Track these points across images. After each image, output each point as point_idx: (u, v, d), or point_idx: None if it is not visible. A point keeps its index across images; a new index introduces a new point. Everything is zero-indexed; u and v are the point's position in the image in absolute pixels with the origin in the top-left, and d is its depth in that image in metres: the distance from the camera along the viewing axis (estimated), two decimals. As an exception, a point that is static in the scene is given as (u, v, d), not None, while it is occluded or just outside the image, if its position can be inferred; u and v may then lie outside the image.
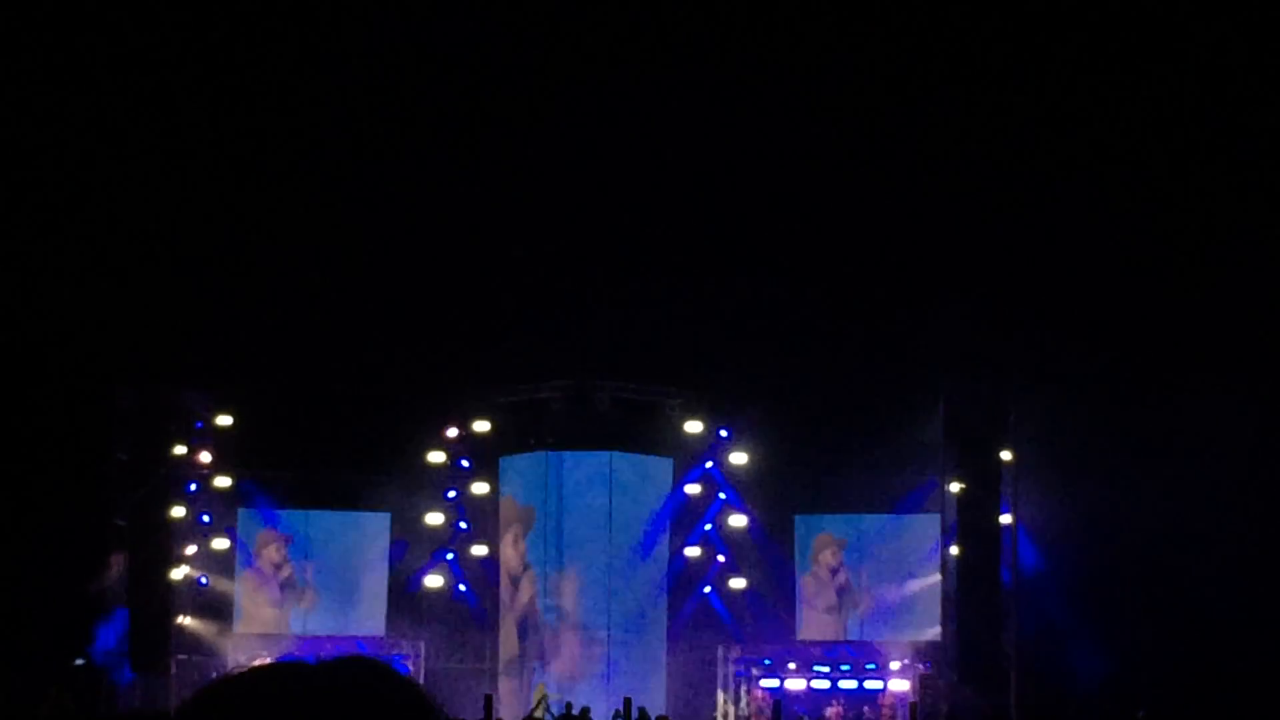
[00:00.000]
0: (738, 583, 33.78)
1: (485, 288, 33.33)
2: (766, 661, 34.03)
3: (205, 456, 33.41)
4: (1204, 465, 31.38)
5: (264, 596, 34.27)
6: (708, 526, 33.95)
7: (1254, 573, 31.40)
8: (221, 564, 34.02)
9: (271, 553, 34.24)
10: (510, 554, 33.93)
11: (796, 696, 33.71)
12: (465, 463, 33.98)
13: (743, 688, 33.94)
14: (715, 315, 33.11)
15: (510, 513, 33.95)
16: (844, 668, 33.77)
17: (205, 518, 33.54)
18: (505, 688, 33.69)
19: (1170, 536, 31.43)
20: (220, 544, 33.81)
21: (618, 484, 33.52)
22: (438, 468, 33.90)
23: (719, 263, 33.33)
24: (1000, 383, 32.24)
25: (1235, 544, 31.43)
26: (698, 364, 33.33)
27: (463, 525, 33.98)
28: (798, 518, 33.98)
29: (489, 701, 30.92)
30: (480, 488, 33.92)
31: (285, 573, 34.29)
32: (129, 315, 32.59)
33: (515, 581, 33.87)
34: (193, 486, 33.28)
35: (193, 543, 33.35)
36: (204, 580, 33.71)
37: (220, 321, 33.03)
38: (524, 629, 33.69)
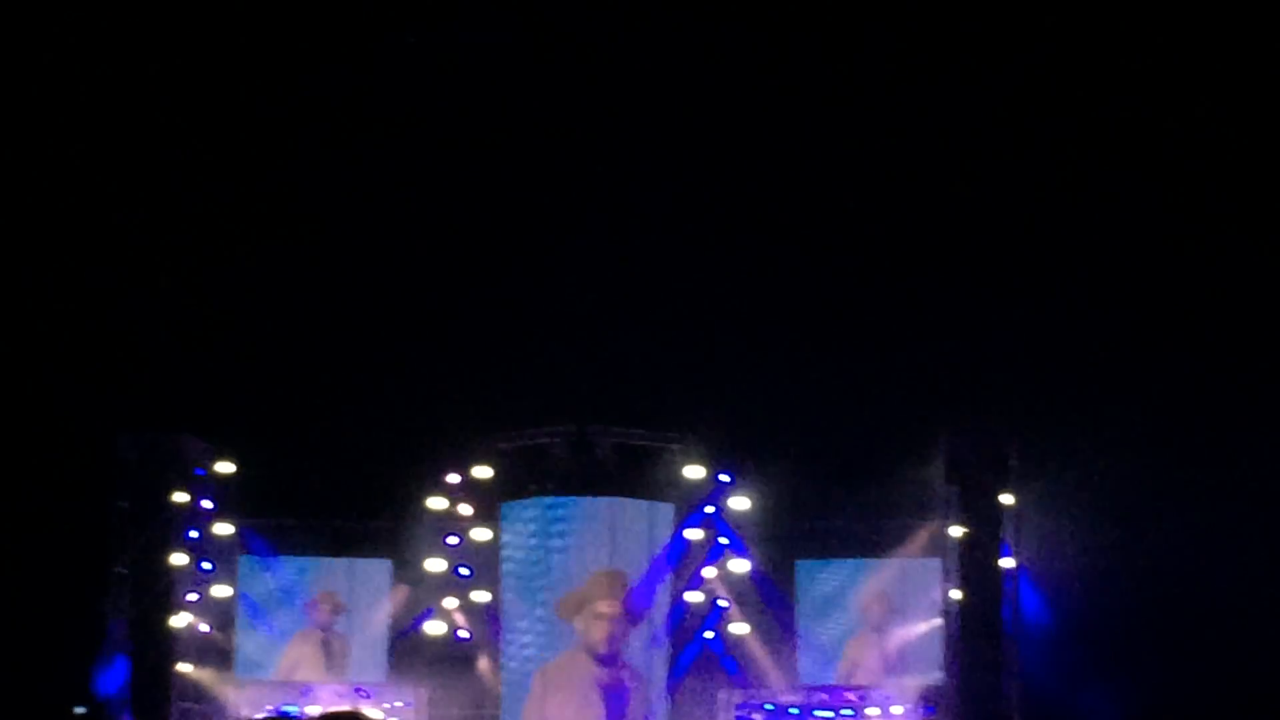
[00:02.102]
0: (739, 628, 33.67)
1: (485, 334, 33.37)
2: (769, 707, 33.87)
3: (206, 504, 33.40)
4: (1213, 507, 31.31)
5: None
6: (709, 572, 33.83)
7: (1267, 619, 31.25)
8: (223, 611, 33.94)
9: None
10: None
11: (799, 742, 33.66)
12: (466, 509, 33.90)
13: (744, 733, 33.83)
14: (715, 360, 33.11)
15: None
16: (846, 712, 33.62)
17: (206, 565, 33.49)
18: None
19: (1178, 581, 31.33)
20: (222, 591, 33.77)
21: (619, 530, 33.47)
22: (438, 514, 33.83)
23: (719, 307, 33.33)
24: (1001, 425, 32.18)
25: (1246, 587, 31.31)
26: (698, 409, 33.26)
27: (464, 571, 33.90)
28: (799, 562, 33.87)
29: None
30: (481, 534, 33.86)
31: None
32: (129, 362, 32.68)
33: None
34: (194, 534, 33.23)
35: (194, 590, 33.32)
36: (205, 628, 33.63)
37: (221, 368, 33.07)
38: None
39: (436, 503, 33.78)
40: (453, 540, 33.86)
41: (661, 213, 32.72)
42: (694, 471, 33.64)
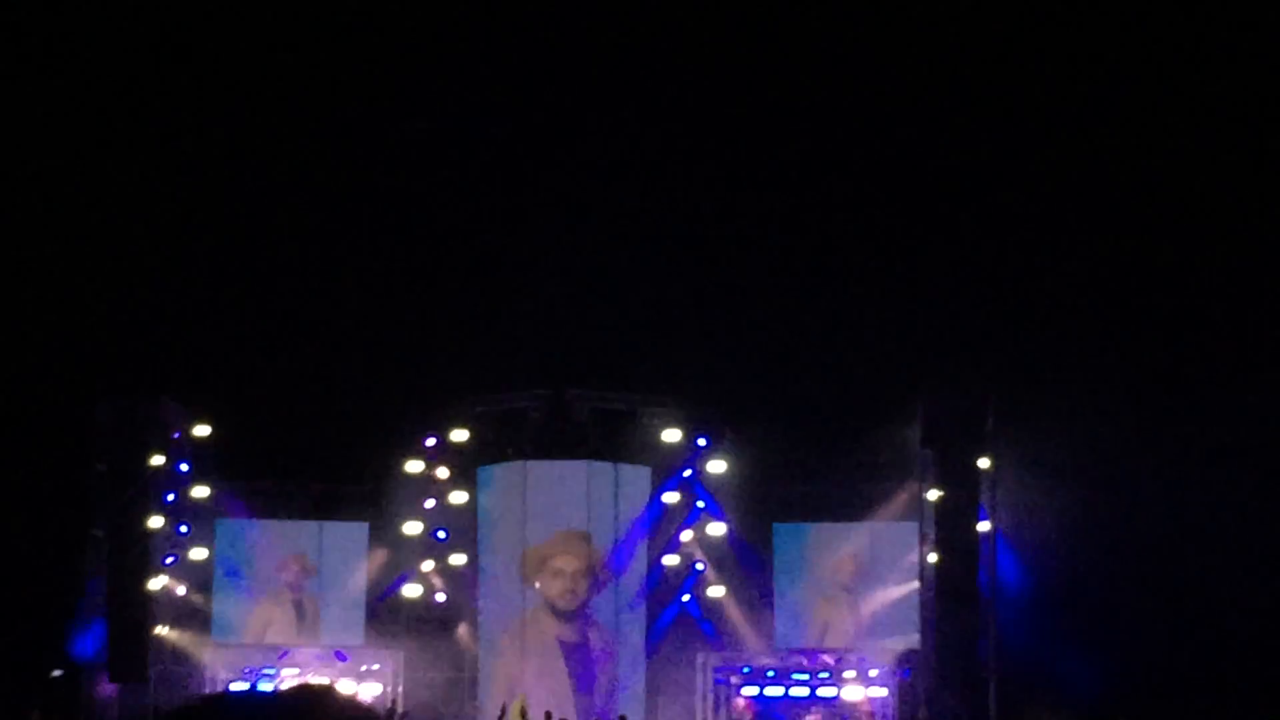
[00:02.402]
0: (716, 591, 33.79)
1: (462, 297, 33.35)
2: (745, 669, 34.03)
3: (183, 467, 33.42)
4: (1184, 471, 31.41)
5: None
6: (686, 535, 33.94)
7: (1236, 579, 31.39)
8: (200, 574, 33.98)
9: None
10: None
11: (775, 704, 33.77)
12: (443, 472, 33.95)
13: (722, 696, 33.92)
14: (693, 324, 33.15)
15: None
16: (823, 675, 33.81)
17: (183, 528, 33.53)
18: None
19: (1150, 543, 31.46)
20: (199, 554, 33.81)
21: (595, 493, 33.58)
22: (415, 477, 33.89)
23: (696, 271, 33.36)
24: (978, 389, 32.22)
25: (1217, 549, 31.44)
26: (675, 373, 33.31)
27: (441, 535, 33.97)
28: (776, 525, 33.98)
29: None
30: (458, 497, 33.91)
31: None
32: (106, 327, 32.60)
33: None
34: (171, 497, 33.24)
35: (171, 553, 33.34)
36: (182, 591, 33.68)
37: (198, 332, 33.03)
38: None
39: (414, 466, 33.86)
40: (430, 503, 33.94)
41: (640, 180, 32.72)
42: (671, 435, 33.72)
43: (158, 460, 32.74)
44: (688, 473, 33.93)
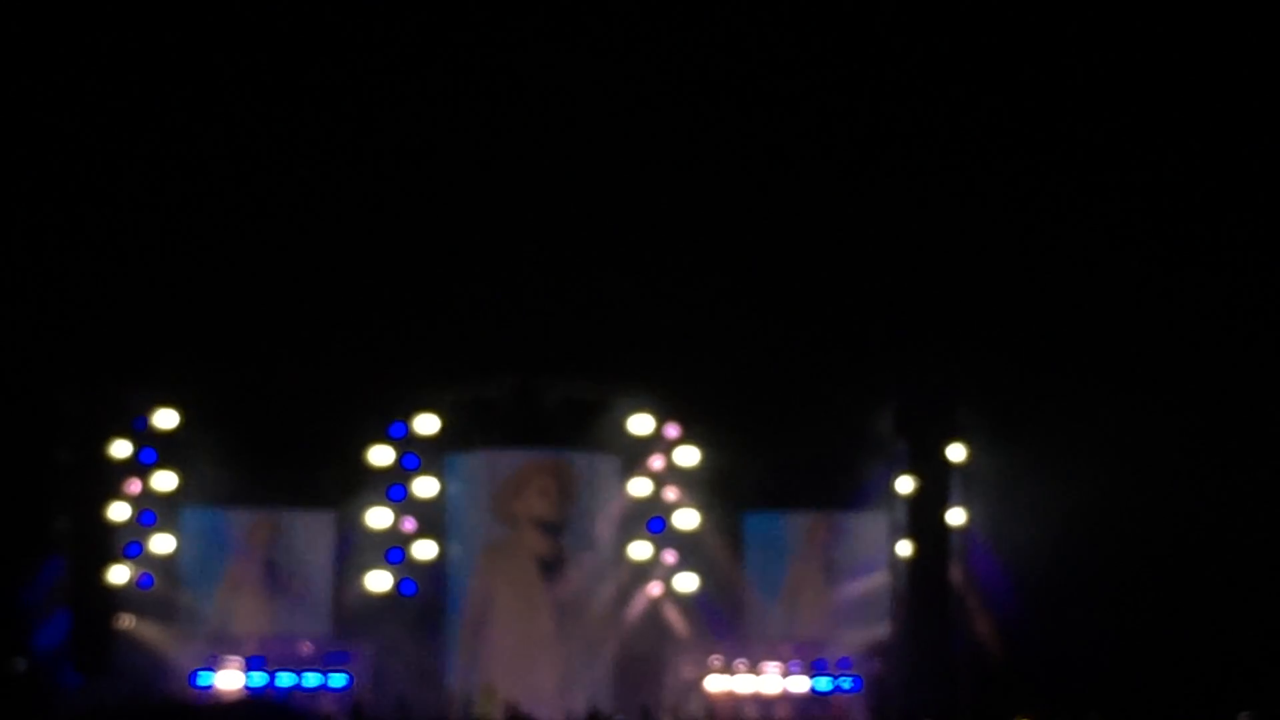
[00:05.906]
0: (686, 582, 33.57)
1: (430, 284, 33.04)
2: (715, 661, 33.81)
3: (148, 455, 33.13)
4: (1161, 461, 31.26)
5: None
6: (657, 526, 33.75)
7: (1214, 571, 31.27)
8: (165, 564, 33.69)
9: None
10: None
11: (745, 697, 33.60)
12: (411, 461, 33.70)
13: (691, 688, 33.73)
14: (662, 312, 32.83)
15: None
16: (793, 667, 33.62)
17: (148, 517, 33.23)
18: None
19: (1125, 536, 31.31)
20: (164, 543, 33.49)
21: (565, 482, 33.47)
22: (383, 466, 33.62)
23: (666, 259, 33.06)
24: (952, 378, 32.07)
25: (1195, 541, 31.33)
26: (645, 361, 33.03)
27: (408, 524, 33.71)
28: (747, 515, 33.81)
29: None
30: (426, 486, 33.65)
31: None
32: (67, 314, 32.28)
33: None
34: (135, 486, 32.96)
35: (135, 543, 33.05)
36: (147, 580, 33.38)
37: (161, 319, 32.67)
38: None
39: (381, 455, 33.59)
40: (397, 493, 33.68)
41: (606, 165, 32.42)
42: (641, 424, 33.53)
43: (121, 449, 32.48)
44: (658, 463, 33.75)
